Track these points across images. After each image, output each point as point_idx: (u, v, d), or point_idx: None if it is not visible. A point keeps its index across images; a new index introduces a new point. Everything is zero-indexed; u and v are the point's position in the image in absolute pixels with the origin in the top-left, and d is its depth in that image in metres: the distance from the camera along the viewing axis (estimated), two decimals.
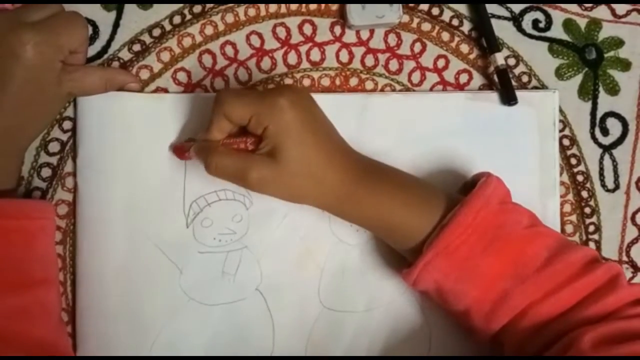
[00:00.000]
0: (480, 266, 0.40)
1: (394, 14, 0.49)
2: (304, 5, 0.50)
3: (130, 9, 0.48)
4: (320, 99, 0.48)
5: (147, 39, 0.48)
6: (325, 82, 0.50)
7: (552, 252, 0.41)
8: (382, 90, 0.50)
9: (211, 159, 0.40)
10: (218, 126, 0.41)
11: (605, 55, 0.52)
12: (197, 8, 0.49)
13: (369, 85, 0.50)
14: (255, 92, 0.41)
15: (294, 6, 0.50)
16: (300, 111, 0.40)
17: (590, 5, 0.52)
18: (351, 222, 0.44)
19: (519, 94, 0.49)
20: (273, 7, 0.49)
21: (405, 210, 0.41)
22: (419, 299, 0.48)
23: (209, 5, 0.49)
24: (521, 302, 0.40)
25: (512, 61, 0.51)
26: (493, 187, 0.41)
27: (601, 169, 0.52)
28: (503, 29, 0.51)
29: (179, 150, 0.46)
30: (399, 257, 0.46)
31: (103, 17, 0.48)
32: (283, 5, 0.49)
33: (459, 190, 0.46)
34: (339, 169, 0.41)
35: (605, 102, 0.52)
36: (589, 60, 0.52)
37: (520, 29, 0.52)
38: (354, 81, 0.50)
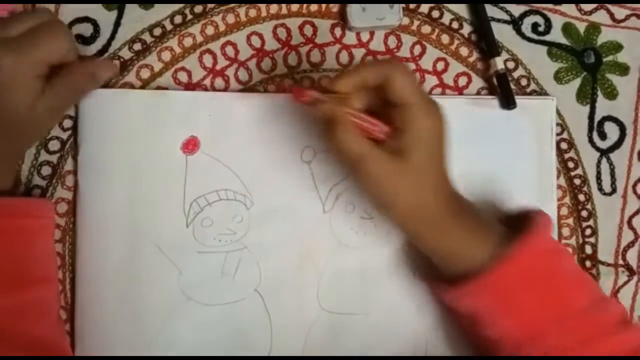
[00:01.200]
0: (523, 301, 0.41)
1: (394, 16, 0.49)
2: (304, 6, 0.50)
3: (131, 8, 0.48)
4: None
5: (148, 38, 0.48)
6: (326, 83, 0.50)
7: (593, 302, 0.41)
8: None
9: (340, 131, 0.37)
10: (366, 77, 0.38)
11: (604, 60, 0.53)
12: (198, 8, 0.49)
13: None
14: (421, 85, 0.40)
15: (294, 7, 0.50)
16: (441, 124, 0.39)
17: (589, 9, 0.53)
18: (416, 242, 0.44)
19: (518, 100, 0.49)
20: (274, 8, 0.49)
21: (472, 242, 0.41)
22: (417, 303, 0.48)
23: (210, 6, 0.49)
24: (556, 343, 0.40)
25: (511, 64, 0.52)
26: (549, 227, 0.42)
27: (598, 173, 0.52)
28: (503, 32, 0.52)
29: (298, 92, 0.40)
30: (398, 261, 0.47)
31: (104, 15, 0.48)
32: (284, 7, 0.49)
33: (502, 216, 0.46)
34: (443, 194, 0.41)
35: (604, 106, 0.52)
36: (588, 64, 0.53)
37: (520, 33, 0.52)
38: None
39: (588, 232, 0.51)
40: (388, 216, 0.42)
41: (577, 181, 0.52)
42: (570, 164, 0.52)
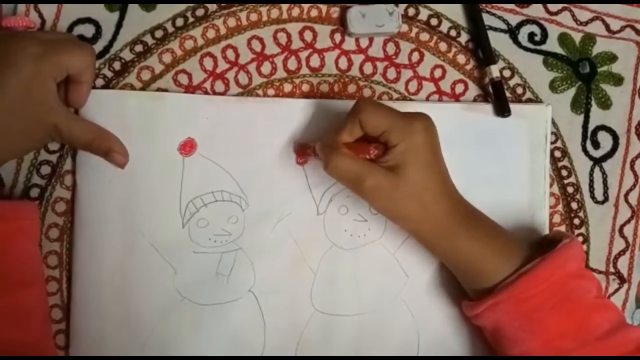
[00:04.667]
0: (546, 321, 0.41)
1: (393, 23, 0.50)
2: (305, 12, 0.50)
3: (133, 10, 0.49)
4: (318, 105, 0.49)
5: (149, 40, 0.49)
6: (324, 88, 0.50)
7: (613, 326, 0.42)
8: (379, 98, 0.51)
9: (333, 158, 0.41)
10: (350, 130, 0.42)
11: (599, 70, 0.53)
12: (200, 11, 0.49)
13: (367, 92, 0.51)
14: (393, 109, 0.42)
15: (295, 12, 0.50)
16: (430, 138, 0.42)
17: (585, 20, 0.53)
18: (436, 255, 0.46)
19: (513, 106, 0.50)
20: (275, 13, 0.50)
21: (492, 256, 0.43)
22: (410, 305, 0.49)
23: (211, 9, 0.49)
24: None
25: (507, 73, 0.52)
26: (575, 250, 0.43)
27: (591, 181, 0.53)
28: (499, 41, 0.52)
29: (302, 149, 0.47)
30: (391, 263, 0.48)
31: (106, 17, 0.48)
32: (284, 11, 0.50)
33: (537, 241, 0.47)
34: (447, 202, 0.43)
35: (597, 116, 0.53)
36: (583, 74, 0.53)
37: (517, 42, 0.53)
38: (352, 88, 0.51)
39: (580, 239, 0.52)
40: (402, 228, 0.44)
41: (570, 189, 0.52)
42: (564, 172, 0.52)
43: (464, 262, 0.44)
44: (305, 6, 0.50)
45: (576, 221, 0.52)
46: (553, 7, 0.53)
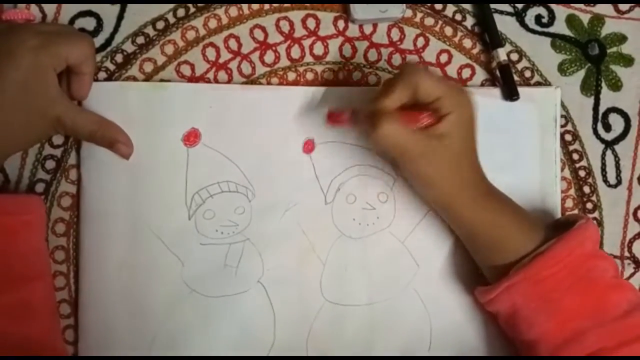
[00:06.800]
0: (563, 301, 0.41)
1: (397, 8, 0.49)
2: None
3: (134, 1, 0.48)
4: (325, 92, 0.48)
5: (151, 31, 0.48)
6: (329, 76, 0.50)
7: (632, 306, 0.42)
8: None
9: (384, 125, 0.39)
10: (400, 95, 0.40)
11: (608, 51, 0.52)
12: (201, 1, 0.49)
13: (372, 79, 0.50)
14: (444, 77, 0.42)
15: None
16: (474, 111, 0.42)
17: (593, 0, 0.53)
18: (456, 226, 0.45)
19: (521, 90, 0.49)
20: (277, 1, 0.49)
21: (516, 231, 0.42)
22: (421, 294, 0.48)
23: None
24: (594, 345, 0.40)
25: (515, 56, 0.52)
26: (591, 231, 0.42)
27: (603, 165, 0.52)
28: (506, 24, 0.52)
29: (334, 116, 0.45)
30: (401, 252, 0.47)
31: (107, 9, 0.48)
32: None
33: (551, 224, 0.46)
34: (479, 173, 0.43)
35: (608, 98, 0.52)
36: (592, 55, 0.52)
37: (523, 24, 0.52)
38: (357, 75, 0.50)
39: None
40: (435, 198, 0.43)
41: (582, 173, 0.51)
42: (575, 156, 0.51)
43: (488, 234, 0.43)
44: None
45: (589, 205, 0.51)
46: None
